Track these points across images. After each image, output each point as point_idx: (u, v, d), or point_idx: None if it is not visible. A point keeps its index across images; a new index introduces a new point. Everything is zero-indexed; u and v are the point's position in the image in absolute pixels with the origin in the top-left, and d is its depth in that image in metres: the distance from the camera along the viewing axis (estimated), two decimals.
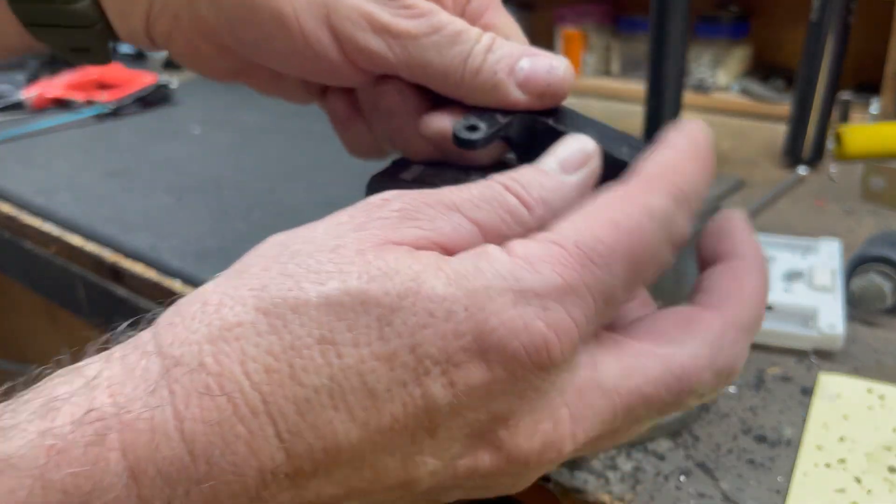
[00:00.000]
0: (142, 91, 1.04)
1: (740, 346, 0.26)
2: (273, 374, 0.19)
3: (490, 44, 0.30)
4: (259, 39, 0.31)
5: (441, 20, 0.30)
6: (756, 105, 1.02)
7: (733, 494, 0.34)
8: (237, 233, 0.63)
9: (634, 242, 0.22)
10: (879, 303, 0.48)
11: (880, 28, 0.90)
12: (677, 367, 0.24)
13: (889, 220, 0.66)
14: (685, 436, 0.38)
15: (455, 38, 0.30)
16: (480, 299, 0.20)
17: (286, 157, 0.84)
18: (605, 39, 1.18)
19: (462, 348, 0.20)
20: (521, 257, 0.21)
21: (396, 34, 0.30)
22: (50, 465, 0.17)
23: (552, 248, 0.22)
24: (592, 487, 0.35)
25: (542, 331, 0.21)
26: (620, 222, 0.22)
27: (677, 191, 0.24)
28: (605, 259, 0.22)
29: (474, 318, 0.20)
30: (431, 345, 0.20)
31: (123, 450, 0.18)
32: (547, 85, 0.30)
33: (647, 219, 0.23)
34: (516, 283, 0.21)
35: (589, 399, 0.22)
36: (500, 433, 0.21)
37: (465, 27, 0.30)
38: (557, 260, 0.21)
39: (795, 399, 0.41)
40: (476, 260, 0.21)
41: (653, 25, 0.71)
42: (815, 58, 0.76)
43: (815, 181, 0.77)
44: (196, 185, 0.76)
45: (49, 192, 0.74)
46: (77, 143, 0.91)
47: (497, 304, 0.20)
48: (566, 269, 0.21)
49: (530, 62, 0.30)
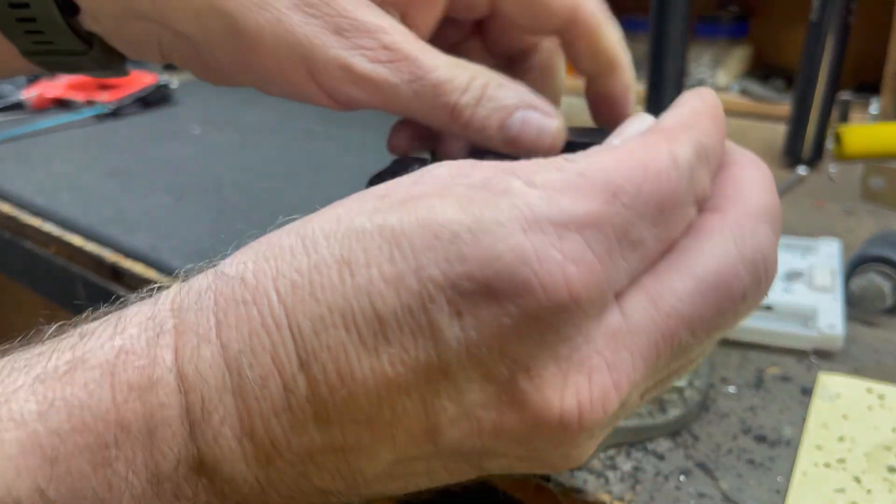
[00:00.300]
0: (142, 91, 1.04)
1: (763, 232, 0.23)
2: (297, 290, 0.20)
3: (480, 95, 0.29)
4: (257, 84, 0.32)
5: (422, 66, 0.28)
6: (756, 105, 1.02)
7: (733, 494, 0.35)
8: (237, 233, 0.63)
9: (663, 186, 0.21)
10: (879, 303, 0.48)
11: (880, 28, 0.90)
12: (705, 273, 0.21)
13: (889, 219, 0.66)
14: (685, 435, 0.38)
15: (437, 89, 0.28)
16: (488, 223, 0.19)
17: (286, 157, 0.84)
18: None
19: (466, 275, 0.19)
20: (539, 186, 0.20)
21: (375, 84, 0.28)
22: (118, 363, 0.20)
23: (576, 178, 0.20)
24: (592, 487, 0.35)
25: (559, 261, 0.19)
26: (648, 164, 0.21)
27: (698, 144, 0.22)
28: (632, 198, 0.20)
29: (479, 243, 0.19)
30: (435, 267, 0.19)
31: (175, 349, 0.20)
32: (533, 147, 0.29)
33: (674, 165, 0.21)
34: (529, 209, 0.19)
35: (624, 341, 0.20)
36: (521, 384, 0.19)
37: (449, 77, 0.29)
38: (580, 190, 0.20)
39: (795, 399, 0.41)
40: (495, 190, 0.20)
41: (653, 26, 0.71)
42: (814, 58, 0.76)
43: (815, 181, 0.77)
44: (196, 185, 0.76)
45: (49, 192, 0.74)
46: (77, 143, 0.91)
47: (506, 230, 0.19)
48: (588, 201, 0.20)
49: (521, 121, 0.29)
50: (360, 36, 0.28)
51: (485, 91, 0.29)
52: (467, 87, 0.29)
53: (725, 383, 0.43)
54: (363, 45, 0.28)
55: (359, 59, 0.28)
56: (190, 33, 0.30)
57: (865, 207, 0.69)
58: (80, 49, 0.32)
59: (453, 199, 0.20)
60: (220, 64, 0.31)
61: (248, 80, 0.32)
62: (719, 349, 0.46)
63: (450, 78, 0.29)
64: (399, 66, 0.28)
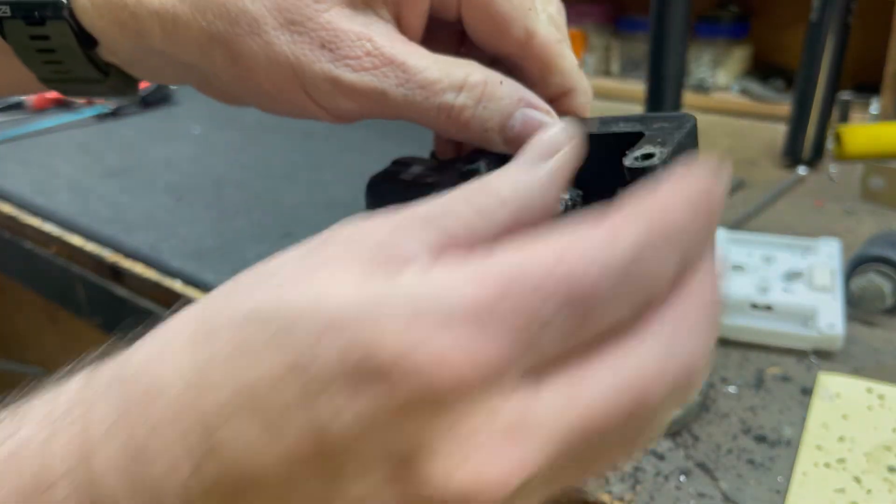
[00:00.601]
0: (142, 91, 1.04)
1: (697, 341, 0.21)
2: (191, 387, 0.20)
3: (480, 94, 0.28)
4: (262, 106, 0.33)
5: (409, 69, 0.28)
6: (756, 105, 1.02)
7: (733, 494, 0.34)
8: (237, 232, 0.63)
9: (581, 280, 0.19)
10: (879, 303, 0.48)
11: (880, 28, 0.90)
12: (629, 378, 0.20)
13: (889, 219, 0.66)
14: (685, 435, 0.38)
15: (426, 90, 0.28)
16: (375, 314, 0.18)
17: (286, 157, 0.84)
18: (605, 39, 1.18)
19: (352, 367, 0.18)
20: (436, 273, 0.19)
21: (363, 93, 0.28)
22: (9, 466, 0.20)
23: (475, 267, 0.19)
24: (593, 487, 0.35)
25: (442, 353, 0.18)
26: (567, 252, 0.19)
27: (653, 231, 0.20)
28: (537, 290, 0.19)
29: (364, 334, 0.18)
30: (319, 361, 0.18)
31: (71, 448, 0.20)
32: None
33: (606, 255, 0.19)
34: (420, 299, 0.19)
35: (525, 429, 0.19)
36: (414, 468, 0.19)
37: (438, 77, 0.28)
38: (476, 279, 0.19)
39: (795, 399, 0.41)
40: (390, 267, 0.20)
41: (653, 25, 0.71)
42: (814, 58, 0.76)
43: (815, 181, 0.77)
44: (196, 185, 0.76)
45: (49, 192, 0.74)
46: (77, 143, 0.91)
47: (392, 321, 0.18)
48: (483, 290, 0.19)
49: (522, 121, 0.29)
50: (344, 47, 0.28)
51: (484, 89, 0.29)
52: (463, 85, 0.28)
53: (726, 383, 0.43)
54: (348, 55, 0.28)
55: (343, 69, 0.28)
56: (195, 63, 0.31)
57: (865, 207, 0.69)
58: (98, 77, 0.33)
59: (344, 280, 0.19)
60: (227, 88, 0.32)
61: (253, 101, 0.32)
62: (719, 349, 0.46)
63: (439, 78, 0.28)
64: (384, 71, 0.28)
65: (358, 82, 0.28)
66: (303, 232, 0.64)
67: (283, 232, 0.63)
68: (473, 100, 0.29)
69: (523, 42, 0.31)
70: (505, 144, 0.29)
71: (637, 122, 0.30)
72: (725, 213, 0.66)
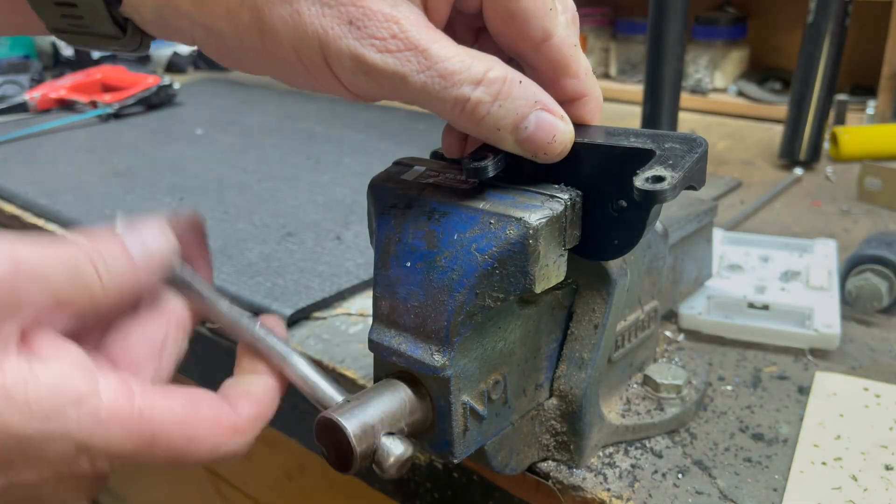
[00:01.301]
0: (145, 92, 1.04)
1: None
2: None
3: (497, 91, 0.29)
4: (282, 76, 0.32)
5: (431, 56, 0.28)
6: (753, 106, 1.03)
7: (730, 492, 0.35)
8: (239, 233, 0.64)
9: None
10: (875, 302, 0.48)
11: (877, 30, 0.91)
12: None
13: (885, 219, 0.66)
14: (683, 434, 0.39)
15: (445, 79, 0.28)
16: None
17: (288, 158, 0.85)
18: (604, 42, 1.18)
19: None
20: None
21: (384, 74, 0.28)
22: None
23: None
24: (591, 485, 0.36)
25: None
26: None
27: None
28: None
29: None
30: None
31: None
32: (544, 153, 0.30)
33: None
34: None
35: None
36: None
37: (459, 68, 0.28)
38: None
39: (792, 397, 0.42)
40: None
41: (651, 28, 0.71)
42: (811, 60, 0.76)
43: (812, 182, 0.77)
44: (198, 186, 0.76)
45: (52, 192, 0.74)
46: (80, 144, 0.92)
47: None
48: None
49: (535, 124, 0.29)
50: (371, 26, 0.28)
51: (503, 87, 0.29)
52: (482, 80, 0.29)
53: (723, 382, 0.43)
54: (374, 35, 0.28)
55: (368, 49, 0.28)
56: (220, 27, 0.30)
57: (862, 208, 0.69)
58: (116, 34, 0.32)
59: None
60: (247, 56, 0.32)
61: (271, 71, 0.32)
62: (717, 348, 0.46)
63: (460, 69, 0.28)
64: (407, 55, 0.28)
65: (380, 63, 0.28)
66: (304, 232, 0.65)
67: (285, 232, 0.63)
68: (490, 96, 0.29)
69: (540, 41, 0.31)
70: (516, 145, 0.30)
71: (649, 138, 0.31)
72: (723, 213, 0.67)
